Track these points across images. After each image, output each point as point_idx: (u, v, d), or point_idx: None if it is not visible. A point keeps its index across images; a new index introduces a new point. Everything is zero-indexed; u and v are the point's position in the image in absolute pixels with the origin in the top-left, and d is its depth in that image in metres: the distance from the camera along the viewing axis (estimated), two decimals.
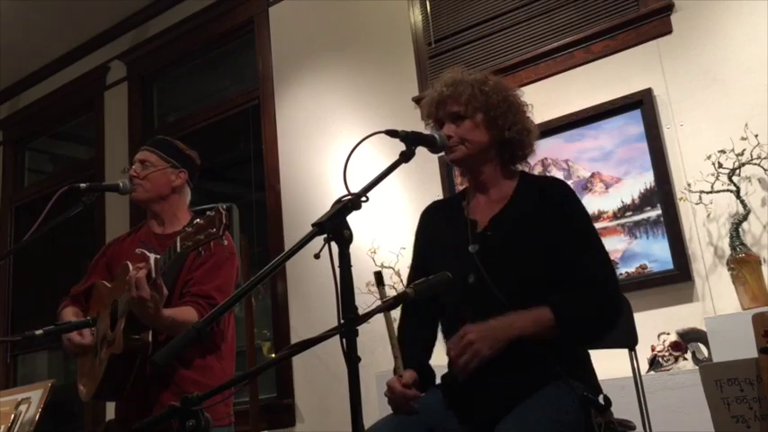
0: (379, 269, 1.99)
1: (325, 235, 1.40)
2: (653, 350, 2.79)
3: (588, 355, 1.88)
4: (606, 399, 1.73)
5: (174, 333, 2.25)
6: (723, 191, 2.83)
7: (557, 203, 1.84)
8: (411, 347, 1.91)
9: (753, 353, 1.67)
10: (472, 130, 1.89)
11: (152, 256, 2.18)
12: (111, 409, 2.90)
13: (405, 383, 1.76)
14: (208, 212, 2.00)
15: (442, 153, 1.95)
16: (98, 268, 2.65)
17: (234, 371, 2.56)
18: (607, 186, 3.19)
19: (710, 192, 2.85)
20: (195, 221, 2.05)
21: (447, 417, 1.78)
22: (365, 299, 3.21)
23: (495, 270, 1.78)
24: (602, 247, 1.84)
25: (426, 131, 1.86)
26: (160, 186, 2.57)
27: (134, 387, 2.36)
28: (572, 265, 1.77)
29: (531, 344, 1.71)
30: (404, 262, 3.43)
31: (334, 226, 1.41)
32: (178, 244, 2.07)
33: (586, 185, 3.24)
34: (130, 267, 2.26)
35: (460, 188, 2.14)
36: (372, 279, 3.47)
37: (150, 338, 2.30)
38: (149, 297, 2.14)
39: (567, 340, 1.72)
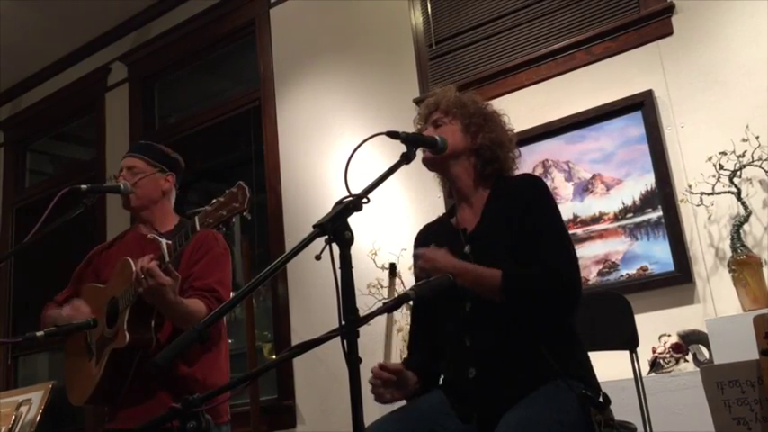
0: (394, 262, 2.06)
1: (326, 236, 1.40)
2: (654, 352, 2.79)
3: (587, 355, 1.90)
4: (605, 396, 1.74)
5: (185, 322, 2.26)
6: (724, 192, 2.83)
7: (524, 196, 1.89)
8: (416, 350, 1.97)
9: (754, 354, 1.67)
10: (447, 133, 1.98)
11: (163, 241, 2.19)
12: None
13: (383, 365, 1.80)
14: (227, 190, 2.02)
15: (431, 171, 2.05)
16: (85, 277, 2.65)
17: (229, 368, 2.57)
18: (608, 188, 3.19)
19: (711, 193, 2.85)
20: (214, 201, 2.05)
21: (447, 416, 1.79)
22: (366, 300, 3.21)
23: (489, 264, 1.81)
24: (566, 238, 1.88)
25: None
26: (151, 192, 2.59)
27: (134, 385, 2.36)
28: (534, 252, 1.81)
29: (530, 342, 1.74)
30: (404, 263, 3.43)
31: (335, 227, 1.41)
32: (197, 223, 2.07)
33: (587, 187, 3.24)
34: (132, 262, 2.27)
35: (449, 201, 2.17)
36: (374, 280, 3.50)
37: (153, 332, 2.31)
38: (168, 282, 2.16)
39: (512, 307, 1.76)
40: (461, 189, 2.01)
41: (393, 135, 1.70)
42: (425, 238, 2.11)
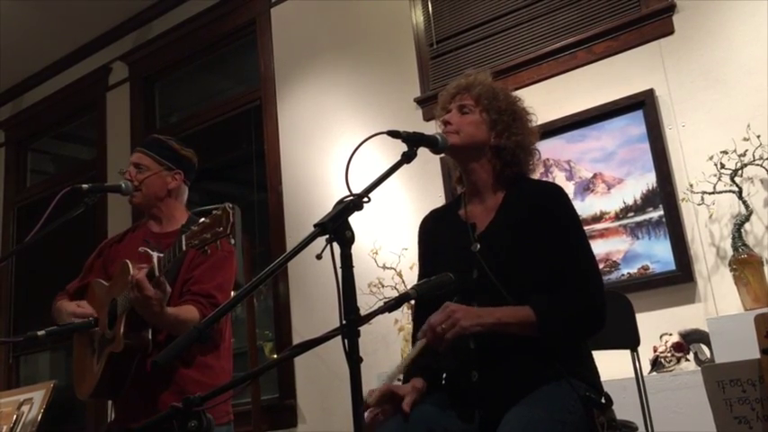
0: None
1: (327, 235, 1.40)
2: (655, 351, 2.78)
3: (591, 355, 1.89)
4: (607, 397, 1.73)
5: (176, 331, 2.27)
6: (725, 191, 2.83)
7: (547, 207, 1.86)
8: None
9: (755, 354, 1.67)
10: (472, 123, 1.94)
11: (155, 255, 2.18)
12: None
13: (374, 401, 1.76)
14: (214, 211, 2.00)
15: (444, 154, 1.98)
16: (95, 269, 2.66)
17: (231, 369, 2.57)
18: (609, 187, 3.18)
19: (713, 192, 2.85)
20: (201, 220, 2.04)
21: (447, 416, 1.78)
22: (367, 299, 3.21)
23: (497, 266, 1.81)
24: (591, 254, 1.86)
25: (429, 132, 1.87)
26: (156, 190, 2.58)
27: (134, 386, 2.36)
28: (560, 270, 1.79)
29: (532, 342, 1.73)
30: (405, 263, 3.43)
31: (336, 226, 1.41)
32: (183, 242, 2.07)
33: (588, 186, 3.23)
34: (130, 267, 2.27)
35: (456, 186, 2.14)
36: (375, 280, 3.49)
37: (150, 337, 2.31)
38: (154, 296, 2.15)
39: (547, 341, 1.74)
40: (476, 183, 1.97)
41: (394, 134, 1.69)
42: (431, 225, 2.08)
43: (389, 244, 3.58)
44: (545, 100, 3.37)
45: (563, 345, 1.77)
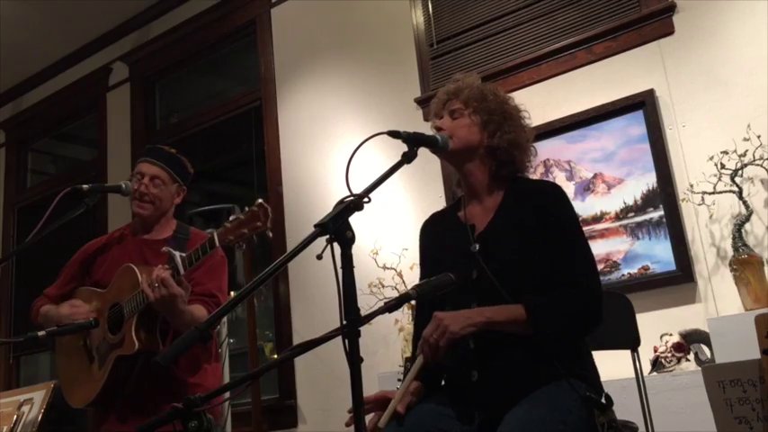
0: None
1: (328, 236, 1.40)
2: (655, 351, 2.78)
3: (590, 355, 1.89)
4: (608, 397, 1.73)
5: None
6: (725, 192, 2.83)
7: (545, 206, 1.87)
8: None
9: (755, 354, 1.67)
10: (464, 127, 1.94)
11: (177, 254, 2.23)
12: None
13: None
14: (248, 207, 2.07)
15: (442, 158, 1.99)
16: (75, 278, 2.66)
17: (221, 372, 2.60)
18: (609, 187, 3.19)
19: (713, 193, 2.85)
20: (232, 218, 2.10)
21: (446, 418, 1.78)
22: (367, 300, 3.21)
23: (497, 266, 1.81)
24: (589, 251, 1.86)
25: (429, 132, 1.88)
26: (167, 206, 2.64)
27: (134, 390, 2.37)
28: (557, 269, 1.79)
29: (532, 342, 1.73)
30: (406, 263, 3.43)
31: (337, 227, 1.41)
32: (216, 239, 2.12)
33: (588, 186, 3.23)
34: (137, 271, 2.29)
35: (457, 190, 2.14)
36: (375, 280, 3.50)
37: (159, 340, 2.33)
38: (179, 293, 2.21)
39: (540, 338, 1.74)
40: (473, 185, 1.97)
41: (394, 134, 1.69)
42: (431, 228, 2.09)
43: (390, 244, 3.58)
44: (545, 100, 3.37)
45: (557, 342, 1.77)
